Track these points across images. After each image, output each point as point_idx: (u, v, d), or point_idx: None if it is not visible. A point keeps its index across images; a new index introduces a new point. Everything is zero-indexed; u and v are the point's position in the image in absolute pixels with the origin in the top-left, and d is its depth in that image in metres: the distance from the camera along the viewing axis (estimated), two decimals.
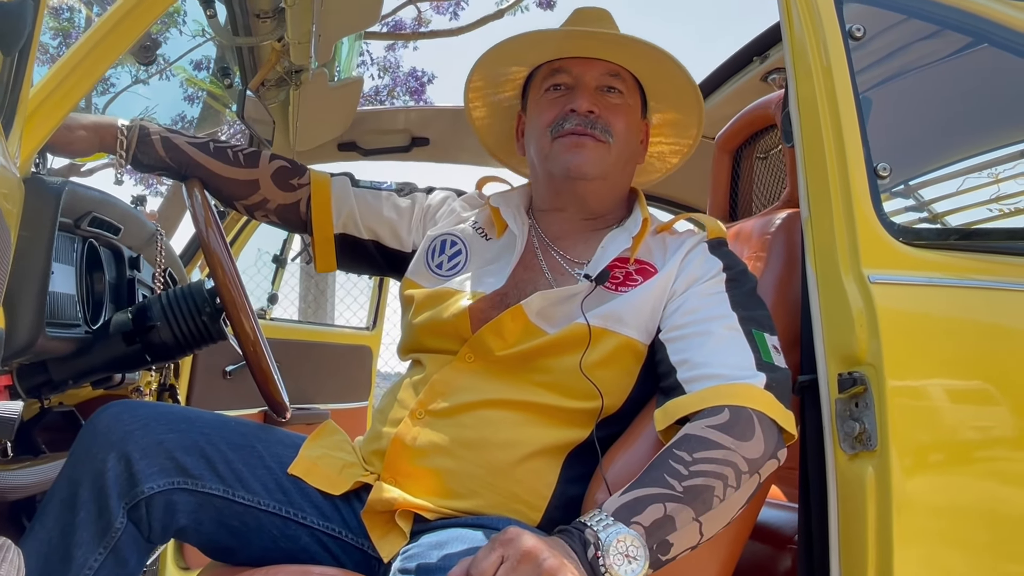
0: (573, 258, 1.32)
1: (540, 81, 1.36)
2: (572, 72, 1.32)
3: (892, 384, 1.08)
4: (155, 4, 1.12)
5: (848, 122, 1.20)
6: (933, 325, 1.13)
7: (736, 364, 1.12)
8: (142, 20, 1.12)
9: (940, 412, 1.10)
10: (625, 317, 1.21)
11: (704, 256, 1.26)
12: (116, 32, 1.11)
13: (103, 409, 1.18)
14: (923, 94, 1.30)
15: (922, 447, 1.08)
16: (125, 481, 1.13)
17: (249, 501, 1.20)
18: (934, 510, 1.07)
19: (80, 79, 1.08)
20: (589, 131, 1.28)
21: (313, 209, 1.42)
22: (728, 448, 1.02)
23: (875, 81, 1.26)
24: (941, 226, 1.25)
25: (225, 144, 1.40)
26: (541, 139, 1.32)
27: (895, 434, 1.07)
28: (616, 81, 1.33)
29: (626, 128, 1.32)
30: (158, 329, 1.33)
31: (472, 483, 1.17)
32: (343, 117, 2.17)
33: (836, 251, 1.16)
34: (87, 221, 1.25)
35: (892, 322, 1.10)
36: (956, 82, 1.32)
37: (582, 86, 1.31)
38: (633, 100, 1.35)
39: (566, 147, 1.29)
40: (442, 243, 1.38)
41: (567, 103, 1.30)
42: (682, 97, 1.38)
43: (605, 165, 1.30)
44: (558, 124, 1.30)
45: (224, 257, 1.22)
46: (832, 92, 1.22)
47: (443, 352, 1.28)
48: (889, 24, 1.34)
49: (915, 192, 1.23)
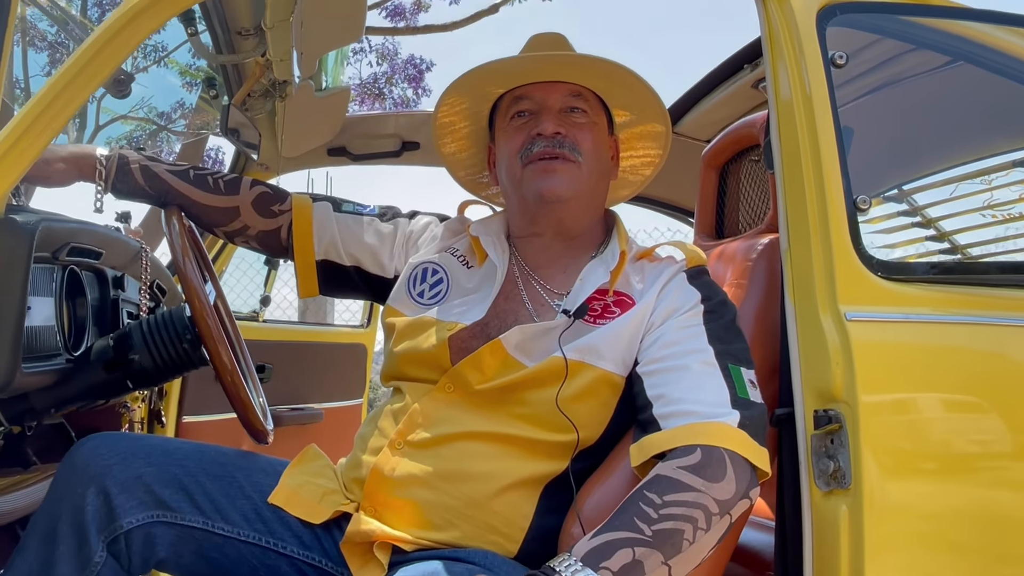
0: (553, 288, 1.31)
1: (505, 110, 1.35)
2: (534, 97, 1.32)
3: (867, 424, 1.08)
4: (127, 40, 1.11)
5: (828, 154, 1.19)
6: (912, 363, 1.13)
7: (711, 401, 1.12)
8: (114, 57, 1.11)
9: (916, 453, 1.10)
10: (602, 350, 1.21)
11: (682, 287, 1.25)
12: (87, 70, 1.10)
13: (82, 443, 1.19)
14: (906, 123, 1.29)
15: (897, 488, 1.08)
16: (104, 516, 1.14)
17: (229, 532, 1.21)
18: (908, 551, 1.08)
19: (52, 119, 1.07)
20: (558, 150, 1.28)
21: (294, 236, 1.41)
22: (698, 490, 1.03)
23: (857, 110, 1.25)
24: (921, 260, 1.24)
25: (206, 171, 1.39)
26: (512, 166, 1.32)
27: (869, 474, 1.08)
28: (579, 101, 1.32)
29: (594, 145, 1.32)
30: (139, 356, 1.33)
31: (450, 515, 1.18)
32: (331, 125, 2.16)
33: (814, 286, 1.16)
34: (65, 252, 1.25)
35: (868, 361, 1.10)
36: (941, 110, 1.31)
37: (545, 109, 1.31)
38: (598, 118, 1.35)
39: (536, 172, 1.28)
40: (423, 271, 1.38)
41: (533, 128, 1.30)
42: (645, 107, 1.37)
43: (578, 184, 1.30)
44: (526, 149, 1.29)
45: (200, 288, 1.22)
46: (812, 123, 1.21)
47: (423, 381, 1.28)
48: (873, 48, 1.32)
49: (896, 225, 1.22)
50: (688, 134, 2.46)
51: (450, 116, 1.42)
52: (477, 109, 1.41)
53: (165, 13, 1.16)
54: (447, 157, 1.48)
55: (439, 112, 1.40)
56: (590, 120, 1.33)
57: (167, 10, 1.16)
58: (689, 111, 2.39)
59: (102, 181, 1.31)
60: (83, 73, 1.12)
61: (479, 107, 1.40)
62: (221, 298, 1.61)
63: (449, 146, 1.47)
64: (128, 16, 1.13)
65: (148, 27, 1.15)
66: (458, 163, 1.49)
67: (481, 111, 1.41)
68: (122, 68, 1.14)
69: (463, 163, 1.49)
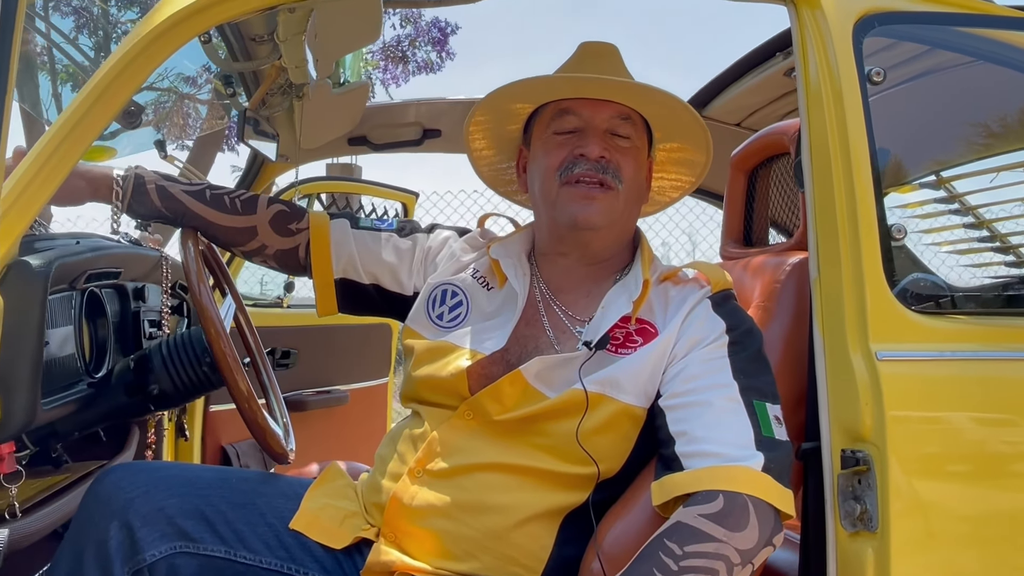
0: (575, 315, 1.29)
1: (547, 120, 1.30)
2: (581, 115, 1.27)
3: (896, 468, 1.05)
4: (140, 69, 1.09)
5: (862, 179, 1.14)
6: (945, 404, 1.09)
7: (735, 442, 1.09)
8: (127, 87, 1.09)
9: (947, 498, 1.06)
10: (623, 383, 1.18)
11: (706, 315, 1.22)
12: (99, 105, 1.08)
13: (104, 474, 1.20)
14: (948, 145, 1.23)
15: (927, 535, 1.05)
16: (127, 548, 1.15)
17: (251, 560, 1.22)
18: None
19: (63, 158, 1.06)
20: (600, 176, 1.24)
21: (312, 255, 1.39)
22: (720, 540, 1.01)
23: (895, 132, 1.19)
24: (959, 291, 1.19)
25: (222, 191, 1.37)
26: (547, 182, 1.28)
27: (897, 519, 1.05)
28: (626, 125, 1.27)
29: (635, 172, 1.28)
30: (159, 379, 1.33)
31: (469, 546, 1.18)
32: (350, 117, 2.12)
33: (844, 320, 1.12)
34: (83, 280, 1.25)
35: (899, 402, 1.06)
36: (987, 131, 1.24)
37: (592, 129, 1.26)
38: (641, 141, 1.30)
39: (574, 197, 1.24)
40: (443, 293, 1.35)
41: (576, 147, 1.25)
42: (691, 137, 1.32)
43: (614, 214, 1.26)
44: (567, 168, 1.25)
45: (215, 315, 1.21)
46: (846, 145, 1.16)
47: (442, 407, 1.27)
48: (916, 62, 1.26)
49: (934, 254, 1.17)
50: (717, 117, 2.38)
51: (485, 113, 1.37)
52: (511, 116, 1.36)
53: (181, 39, 1.13)
54: (474, 153, 1.44)
55: (477, 113, 1.36)
56: (634, 145, 1.28)
57: (182, 36, 1.13)
58: (718, 95, 2.32)
59: (119, 201, 1.29)
60: (96, 106, 1.09)
61: (519, 110, 1.35)
62: (241, 310, 1.61)
63: (479, 141, 1.42)
64: (141, 45, 1.10)
65: (163, 54, 1.12)
66: (482, 159, 1.45)
67: (520, 113, 1.36)
68: (132, 99, 1.11)
69: (487, 159, 1.45)
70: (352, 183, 2.86)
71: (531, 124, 1.35)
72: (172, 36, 1.11)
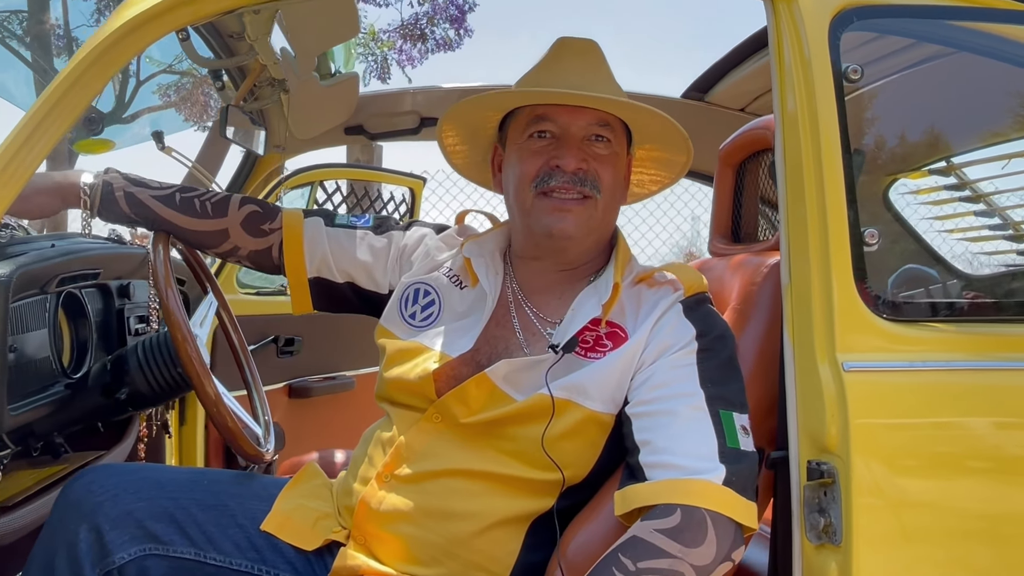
0: (546, 316, 1.27)
1: (523, 124, 1.26)
2: (558, 121, 1.22)
3: (860, 482, 1.02)
4: (88, 86, 1.08)
5: (833, 182, 1.10)
6: (913, 417, 1.06)
7: (697, 453, 1.07)
8: (79, 101, 1.08)
9: (914, 514, 1.04)
10: (589, 390, 1.17)
11: (677, 320, 1.19)
12: (52, 116, 1.08)
13: (76, 478, 1.22)
14: (929, 146, 1.18)
15: (890, 550, 1.03)
16: (97, 551, 1.17)
17: (221, 562, 1.23)
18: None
19: (18, 168, 1.06)
20: (578, 188, 1.20)
21: (286, 255, 1.39)
22: (675, 556, 0.99)
23: (872, 133, 1.15)
24: (935, 298, 1.15)
25: (193, 194, 1.37)
26: (522, 192, 1.24)
27: (860, 534, 1.02)
28: (605, 130, 1.23)
29: (614, 178, 1.25)
30: (135, 381, 1.34)
31: (435, 552, 1.18)
32: (344, 107, 2.11)
33: (812, 329, 1.08)
34: (54, 284, 1.25)
35: (865, 415, 1.03)
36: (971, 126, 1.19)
37: (568, 138, 1.22)
38: (620, 145, 1.27)
39: (550, 209, 1.21)
40: (415, 292, 1.34)
41: (552, 157, 1.22)
42: (668, 141, 1.29)
43: (592, 223, 1.24)
44: (542, 179, 1.22)
45: (183, 321, 1.22)
46: (818, 146, 1.11)
47: (411, 408, 1.27)
48: (897, 58, 1.20)
49: (909, 259, 1.13)
50: (720, 103, 2.33)
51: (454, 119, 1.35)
52: (483, 117, 1.33)
53: (137, 46, 1.12)
54: (448, 148, 1.40)
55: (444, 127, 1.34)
56: (613, 151, 1.24)
57: (139, 42, 1.12)
58: (720, 80, 2.26)
59: (87, 210, 1.30)
60: (53, 113, 1.09)
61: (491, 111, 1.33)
62: (224, 307, 1.61)
63: (452, 137, 1.39)
64: (96, 53, 1.09)
65: (119, 62, 1.12)
66: (456, 154, 1.42)
67: (495, 114, 1.33)
68: (93, 106, 1.11)
69: (462, 154, 1.43)
70: (356, 170, 2.85)
71: (506, 123, 1.32)
72: (129, 43, 1.10)
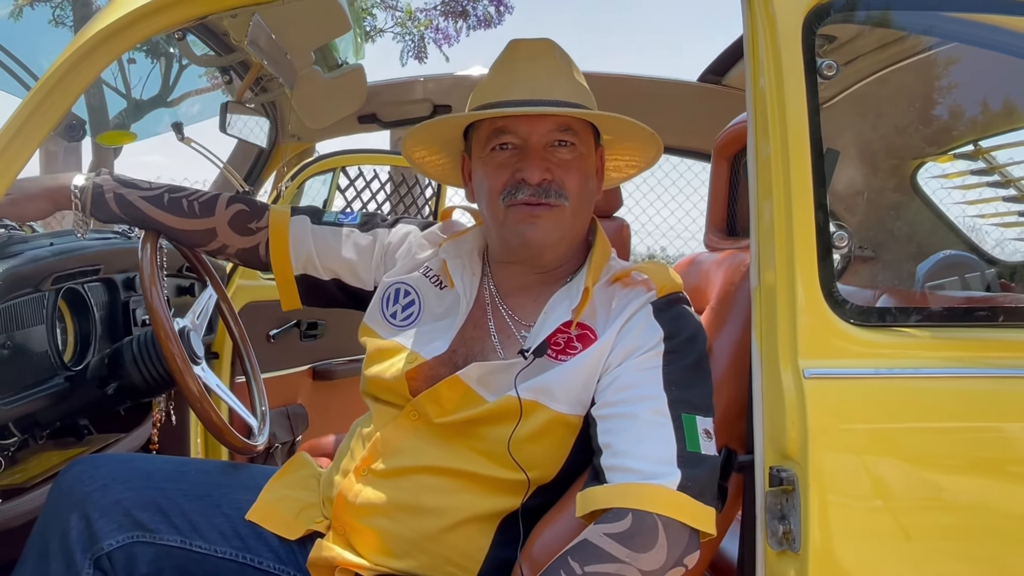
0: (520, 319, 1.27)
1: (483, 138, 1.25)
2: (518, 132, 1.21)
3: (819, 490, 1.01)
4: (69, 90, 1.12)
5: (800, 183, 1.07)
6: (875, 425, 1.03)
7: (654, 457, 1.07)
8: (58, 107, 1.12)
9: (872, 524, 1.02)
10: (556, 392, 1.17)
11: (646, 322, 1.18)
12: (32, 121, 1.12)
13: (67, 468, 1.28)
14: (905, 145, 1.14)
15: (849, 561, 1.01)
16: (87, 538, 1.23)
17: (206, 549, 1.28)
18: None
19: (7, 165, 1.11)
20: (543, 199, 1.20)
21: (272, 253, 1.42)
22: (622, 561, 1.00)
23: (846, 130, 1.11)
24: (905, 302, 1.11)
25: (182, 194, 1.40)
26: (492, 205, 1.24)
27: (818, 542, 1.01)
28: (567, 135, 1.21)
29: (581, 181, 1.23)
30: (129, 374, 1.40)
31: (406, 545, 1.21)
32: (353, 98, 2.13)
33: (776, 333, 1.07)
34: (49, 282, 1.31)
35: (824, 424, 1.01)
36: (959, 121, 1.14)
37: (530, 148, 1.21)
38: (586, 145, 1.25)
39: (520, 219, 1.21)
40: (396, 292, 1.36)
41: (516, 169, 1.21)
42: (633, 136, 1.27)
43: (562, 230, 1.23)
44: (509, 192, 1.21)
45: (166, 319, 1.26)
46: (786, 143, 1.09)
47: (390, 404, 1.29)
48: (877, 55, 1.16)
49: (879, 263, 1.10)
50: (736, 85, 2.28)
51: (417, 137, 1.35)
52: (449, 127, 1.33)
53: (115, 51, 1.15)
54: (417, 160, 1.40)
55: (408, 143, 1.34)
56: (578, 153, 1.23)
57: (117, 48, 1.15)
58: (737, 63, 2.21)
59: (79, 211, 1.34)
60: (33, 118, 1.13)
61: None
62: (224, 300, 1.66)
63: (419, 151, 1.40)
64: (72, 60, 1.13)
65: (95, 68, 1.15)
66: (427, 164, 1.42)
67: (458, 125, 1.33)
68: (73, 113, 1.15)
69: (432, 164, 1.43)
70: (374, 155, 2.88)
71: (469, 132, 1.31)
72: (105, 50, 1.14)
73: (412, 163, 1.39)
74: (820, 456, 1.01)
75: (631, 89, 2.27)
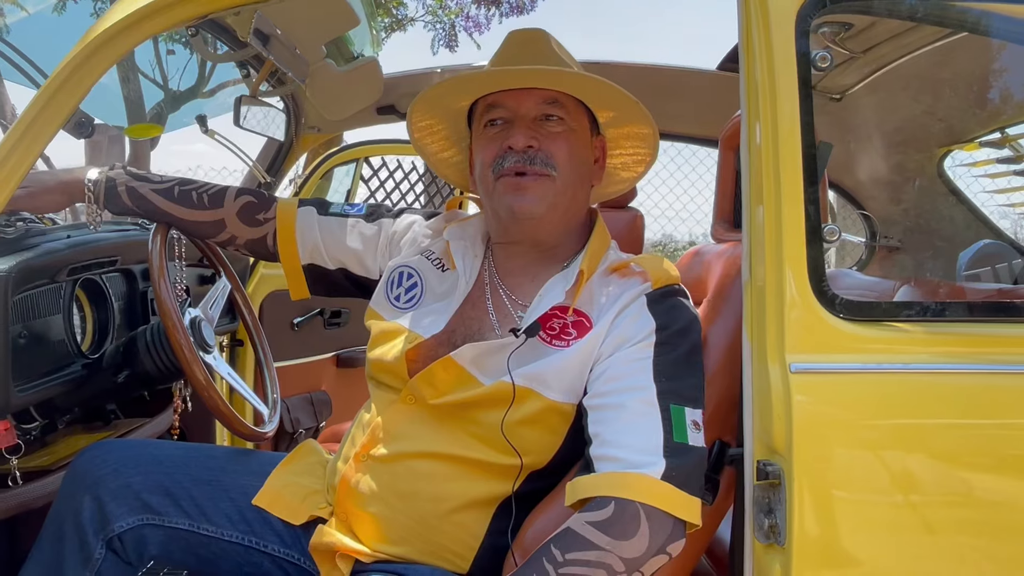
0: (517, 299, 1.29)
1: (479, 116, 1.30)
2: (507, 105, 1.26)
3: (804, 485, 1.01)
4: (76, 88, 1.16)
5: (791, 177, 1.07)
6: (860, 421, 1.03)
7: (640, 447, 1.08)
8: (66, 104, 1.16)
9: (857, 519, 1.01)
10: (549, 380, 1.18)
11: (639, 313, 1.19)
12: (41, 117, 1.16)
13: (81, 453, 1.33)
14: (903, 139, 1.12)
15: (832, 554, 1.01)
16: (99, 520, 1.28)
17: (213, 532, 1.33)
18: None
19: (12, 169, 1.15)
20: (529, 166, 1.23)
21: (279, 243, 1.45)
22: (603, 549, 1.01)
23: (869, 118, 1.10)
24: (896, 299, 1.10)
25: (191, 186, 1.44)
26: (484, 178, 1.28)
27: (803, 536, 1.01)
28: (554, 108, 1.25)
29: (570, 155, 1.25)
30: (143, 362, 1.44)
31: (403, 532, 1.23)
32: (369, 90, 2.14)
33: (766, 329, 1.06)
34: (64, 273, 1.36)
35: (809, 419, 1.01)
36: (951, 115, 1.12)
37: (518, 119, 1.25)
38: (578, 122, 1.27)
39: (507, 188, 1.25)
40: (399, 275, 1.39)
41: (505, 139, 1.25)
42: (626, 108, 1.28)
43: (551, 198, 1.25)
44: (498, 163, 1.25)
45: (173, 310, 1.30)
46: (776, 135, 1.08)
47: (390, 388, 1.31)
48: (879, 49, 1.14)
49: (872, 255, 1.09)
50: None
51: (427, 119, 1.38)
52: (454, 113, 1.36)
53: (119, 49, 1.19)
54: (431, 157, 1.45)
55: (412, 121, 1.37)
56: (567, 127, 1.26)
57: (121, 46, 1.19)
58: None
59: (93, 204, 1.39)
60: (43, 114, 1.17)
61: (456, 112, 1.35)
62: (238, 290, 1.70)
63: (431, 146, 1.43)
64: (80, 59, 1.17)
65: (101, 67, 1.19)
66: (442, 162, 1.46)
67: (459, 114, 1.36)
68: (82, 110, 1.19)
69: (447, 162, 1.46)
70: (395, 145, 2.91)
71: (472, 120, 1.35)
72: (110, 49, 1.17)
73: (424, 155, 1.43)
74: (806, 451, 1.01)
75: (649, 77, 2.26)
